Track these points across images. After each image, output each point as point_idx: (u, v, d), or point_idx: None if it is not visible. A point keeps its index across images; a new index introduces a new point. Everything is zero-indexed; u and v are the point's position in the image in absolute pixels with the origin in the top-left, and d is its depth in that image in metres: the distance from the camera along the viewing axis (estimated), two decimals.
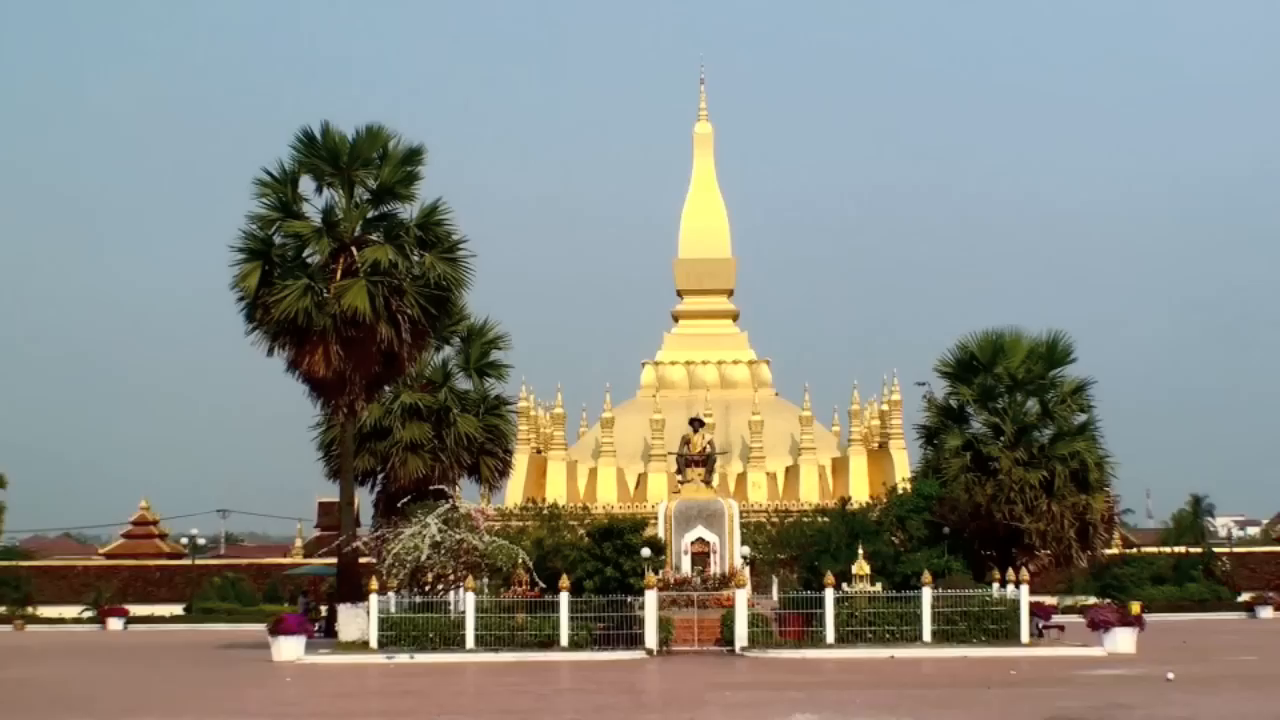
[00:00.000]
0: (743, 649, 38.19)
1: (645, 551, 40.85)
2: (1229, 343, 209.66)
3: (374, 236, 42.06)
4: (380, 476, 48.32)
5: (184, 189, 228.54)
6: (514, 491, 65.20)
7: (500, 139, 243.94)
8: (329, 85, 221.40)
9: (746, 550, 45.99)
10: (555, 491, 68.55)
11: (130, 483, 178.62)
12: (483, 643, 38.63)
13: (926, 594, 38.83)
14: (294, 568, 71.58)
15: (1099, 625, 39.56)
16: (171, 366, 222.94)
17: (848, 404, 73.87)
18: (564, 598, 38.82)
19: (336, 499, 48.78)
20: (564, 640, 38.60)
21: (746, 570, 43.17)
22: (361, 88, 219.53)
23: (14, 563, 78.63)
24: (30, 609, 70.43)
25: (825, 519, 51.64)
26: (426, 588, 41.38)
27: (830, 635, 38.62)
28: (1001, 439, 45.86)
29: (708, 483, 45.98)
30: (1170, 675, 30.05)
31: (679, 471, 47.12)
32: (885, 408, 72.17)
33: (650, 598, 38.60)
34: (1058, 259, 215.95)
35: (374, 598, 39.56)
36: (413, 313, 40.96)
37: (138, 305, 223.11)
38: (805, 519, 56.07)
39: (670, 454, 58.39)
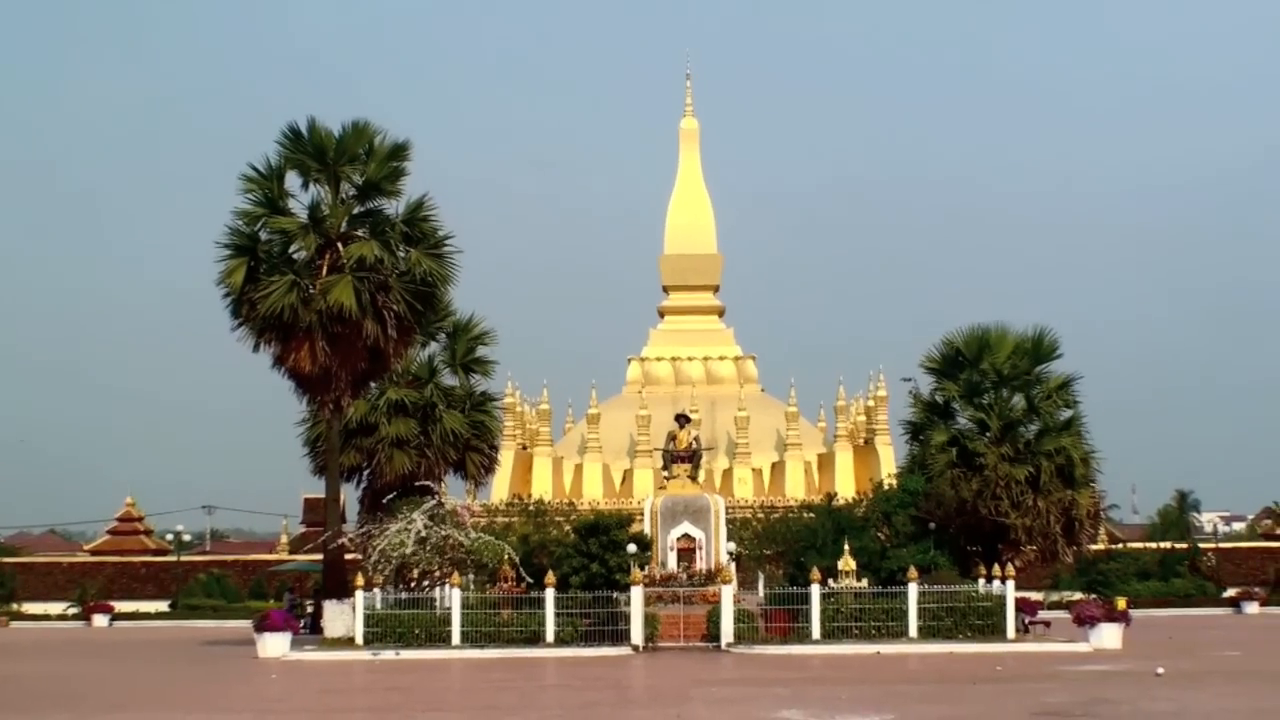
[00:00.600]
0: (729, 645, 38.19)
1: (631, 547, 40.84)
2: (1215, 338, 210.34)
3: (360, 232, 41.97)
4: (366, 473, 48.21)
5: (169, 185, 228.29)
6: (500, 487, 65.21)
7: (486, 134, 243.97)
8: (315, 81, 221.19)
9: (732, 546, 46.03)
10: (541, 487, 68.59)
11: (115, 479, 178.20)
12: (468, 639, 38.59)
13: (912, 590, 38.85)
14: (279, 564, 71.48)
15: (1085, 621, 39.60)
16: (157, 363, 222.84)
17: (834, 400, 74.08)
18: (550, 594, 38.80)
19: (322, 495, 48.60)
20: (550, 636, 38.57)
21: (732, 566, 43.21)
22: (348, 83, 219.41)
23: None
24: (15, 606, 70.27)
25: (811, 515, 51.70)
26: (412, 584, 41.31)
27: (816, 631, 38.61)
28: (987, 434, 45.94)
29: (694, 478, 46.00)
30: (1160, 670, 30.09)
31: (665, 467, 47.14)
32: (871, 403, 72.27)
33: (636, 594, 38.58)
34: (1044, 255, 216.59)
35: (359, 594, 39.50)
36: (398, 309, 40.89)
37: (123, 301, 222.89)
38: (791, 515, 56.18)
39: (656, 450, 58.44)
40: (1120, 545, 72.58)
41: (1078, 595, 59.67)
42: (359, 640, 39.05)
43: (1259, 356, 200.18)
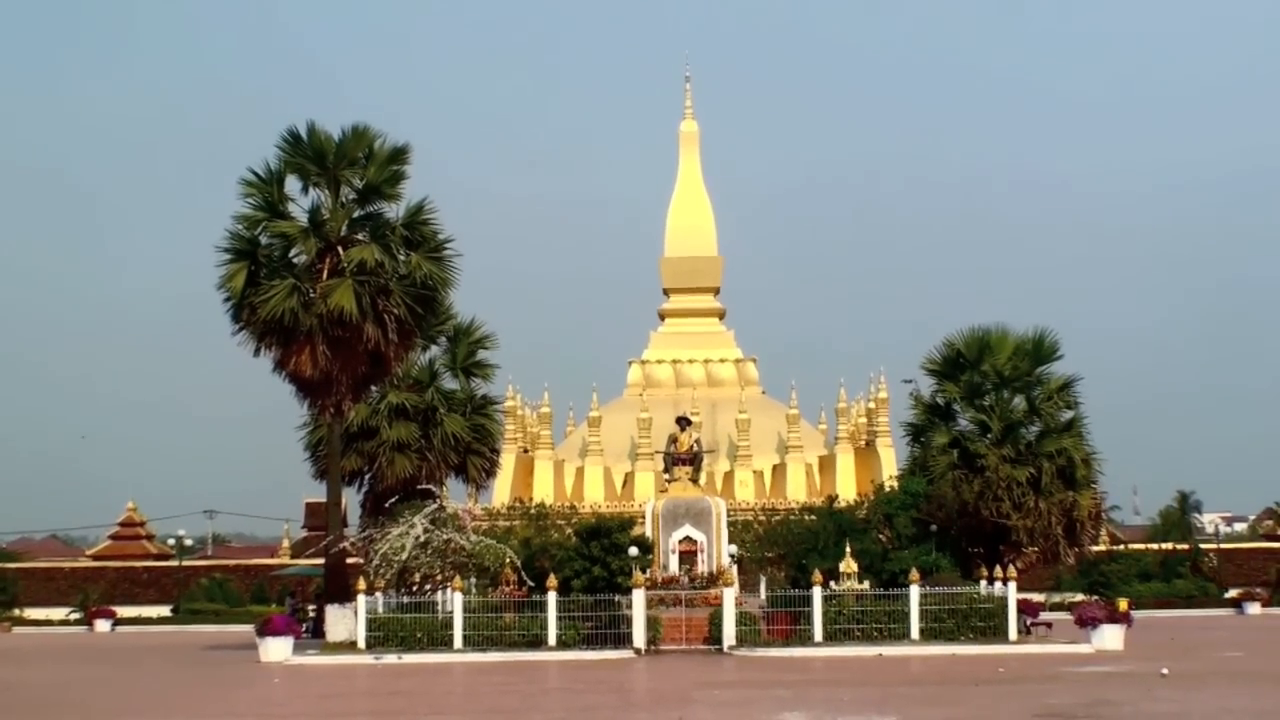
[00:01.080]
0: (731, 648, 38.17)
1: (633, 550, 40.80)
2: (1216, 340, 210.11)
3: (360, 236, 41.99)
4: (367, 476, 48.26)
5: (170, 189, 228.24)
6: (501, 491, 65.19)
7: (486, 138, 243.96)
8: (314, 85, 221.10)
9: (734, 549, 46.01)
10: (542, 491, 68.59)
11: (117, 484, 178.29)
12: (470, 642, 38.61)
13: (914, 592, 38.85)
14: (281, 568, 71.50)
15: (1087, 622, 39.60)
16: (158, 367, 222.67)
17: (835, 402, 74.06)
18: (551, 597, 38.81)
19: (324, 499, 48.68)
20: (552, 640, 38.58)
21: (734, 569, 43.16)
22: (347, 87, 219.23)
23: (1, 564, 78.46)
24: (17, 611, 70.31)
25: (813, 517, 51.64)
26: (414, 588, 41.33)
27: (818, 634, 38.62)
28: (988, 436, 45.93)
29: (695, 481, 45.98)
30: (1164, 671, 30.08)
31: (666, 470, 47.13)
32: (872, 405, 72.28)
33: (638, 597, 38.58)
34: (1044, 256, 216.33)
35: (362, 598, 39.50)
36: (399, 312, 40.91)
37: (124, 306, 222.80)
38: (793, 517, 56.11)
39: (657, 453, 58.44)
40: (1122, 546, 72.55)
41: (1079, 596, 59.67)
42: (361, 644, 39.06)
43: (1260, 357, 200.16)
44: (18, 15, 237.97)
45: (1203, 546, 76.16)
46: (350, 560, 45.42)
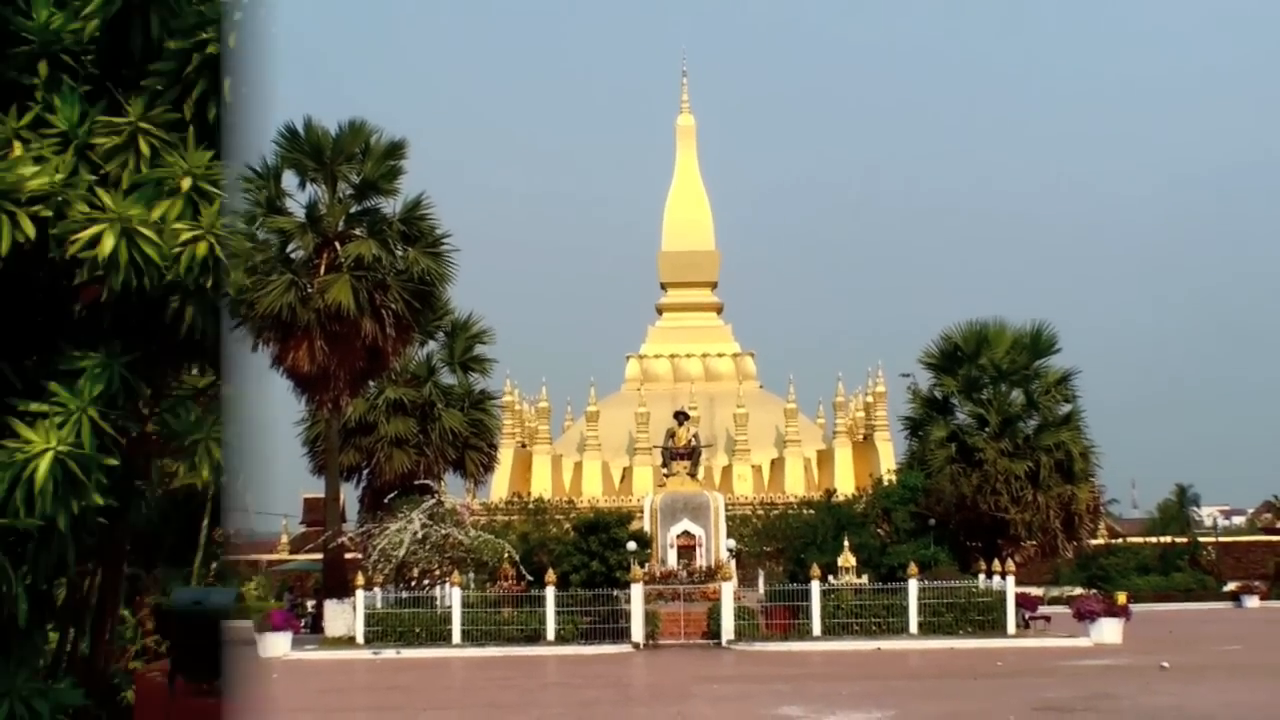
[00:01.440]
0: (729, 642, 38.16)
1: (631, 545, 40.81)
2: (1215, 333, 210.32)
3: (357, 231, 41.92)
4: (365, 472, 48.26)
5: None
6: (499, 486, 65.25)
7: (483, 133, 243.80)
8: (313, 79, 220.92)
9: (732, 543, 46.00)
10: (540, 485, 68.64)
11: None
12: (469, 637, 38.58)
13: (913, 586, 38.82)
14: (280, 564, 71.47)
15: (1085, 616, 39.59)
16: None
17: (832, 396, 74.16)
18: (550, 592, 38.78)
19: (322, 495, 48.64)
20: (550, 634, 38.56)
21: (732, 563, 43.16)
22: (344, 83, 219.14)
23: None
24: None
25: (811, 511, 51.70)
26: (412, 583, 41.33)
27: (816, 627, 38.60)
28: (986, 430, 45.92)
29: (693, 476, 45.96)
30: (1164, 664, 30.09)
31: (664, 464, 47.13)
32: (870, 399, 72.33)
33: (636, 591, 38.56)
34: (1042, 250, 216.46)
35: (360, 593, 39.49)
36: (397, 308, 40.86)
37: None
38: (791, 511, 56.17)
39: (655, 447, 58.42)
40: (1120, 540, 72.57)
41: (1078, 590, 59.61)
42: (360, 639, 39.03)
43: (1259, 350, 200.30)
44: None
45: (1201, 540, 76.09)
46: (348, 555, 45.41)
